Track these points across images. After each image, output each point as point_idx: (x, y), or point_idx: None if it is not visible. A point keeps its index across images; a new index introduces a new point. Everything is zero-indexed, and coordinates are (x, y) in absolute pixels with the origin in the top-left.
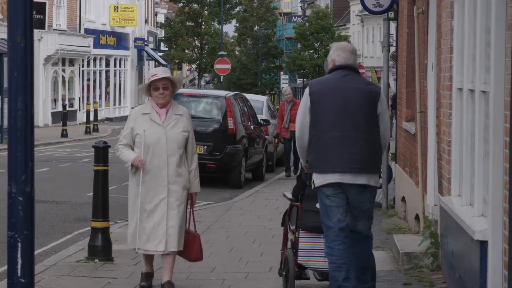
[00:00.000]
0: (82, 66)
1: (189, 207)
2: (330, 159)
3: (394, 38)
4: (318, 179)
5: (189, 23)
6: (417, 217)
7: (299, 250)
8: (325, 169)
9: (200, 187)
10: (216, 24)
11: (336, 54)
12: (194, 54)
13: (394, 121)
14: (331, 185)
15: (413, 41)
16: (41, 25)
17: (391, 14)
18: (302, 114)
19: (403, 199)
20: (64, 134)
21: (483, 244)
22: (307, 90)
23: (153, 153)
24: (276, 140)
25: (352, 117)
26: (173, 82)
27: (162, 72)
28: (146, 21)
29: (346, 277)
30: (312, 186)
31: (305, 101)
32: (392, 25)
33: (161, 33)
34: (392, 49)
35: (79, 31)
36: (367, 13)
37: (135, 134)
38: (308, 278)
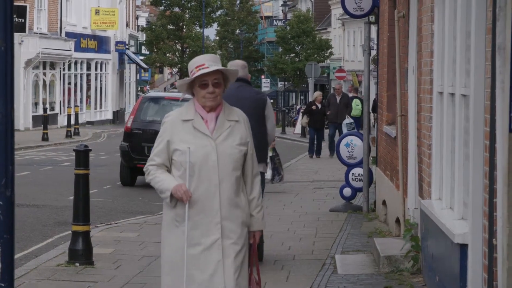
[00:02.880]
0: (63, 70)
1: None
2: None
3: (375, 42)
4: None
5: (171, 27)
6: (397, 220)
7: None
8: None
9: (265, 223)
10: (198, 28)
11: None
12: (176, 58)
13: (375, 124)
14: None
15: (394, 44)
16: (21, 28)
17: (372, 18)
18: None
19: (384, 202)
20: (45, 138)
21: (463, 247)
22: None
23: (199, 177)
24: None
25: None
26: (225, 76)
27: (213, 63)
28: (127, 25)
29: None
30: None
31: None
32: (373, 28)
33: (142, 37)
34: (373, 52)
35: (60, 35)
36: (348, 16)
37: (173, 150)
38: None
